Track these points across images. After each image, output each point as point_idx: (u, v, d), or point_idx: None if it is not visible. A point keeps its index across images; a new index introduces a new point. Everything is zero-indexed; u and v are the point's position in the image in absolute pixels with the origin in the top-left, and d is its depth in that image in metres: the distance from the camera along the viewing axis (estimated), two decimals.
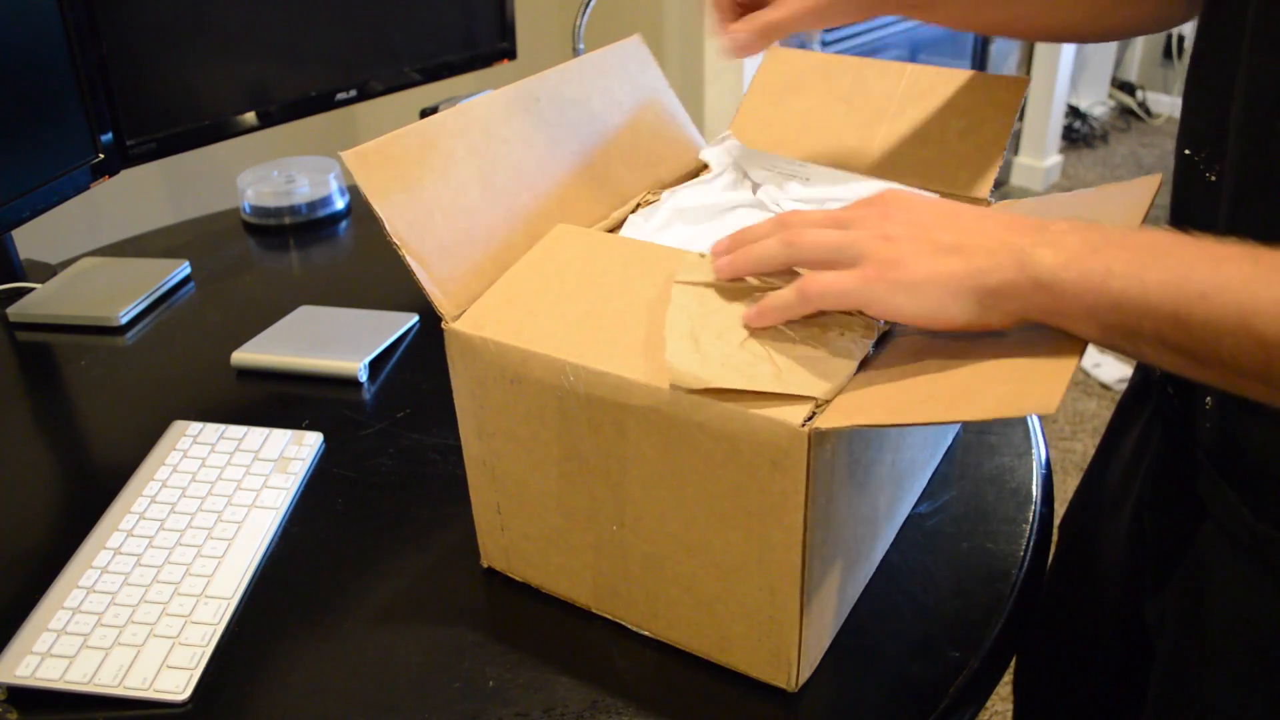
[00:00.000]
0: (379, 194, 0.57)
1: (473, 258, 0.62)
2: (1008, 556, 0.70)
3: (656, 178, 0.76)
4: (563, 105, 0.70)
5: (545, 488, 0.62)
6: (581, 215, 0.69)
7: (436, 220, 0.60)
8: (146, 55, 1.10)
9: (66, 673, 0.62)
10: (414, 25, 1.32)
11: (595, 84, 0.74)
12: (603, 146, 0.73)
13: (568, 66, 0.72)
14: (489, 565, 0.69)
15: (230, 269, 1.19)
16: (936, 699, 0.59)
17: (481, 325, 0.59)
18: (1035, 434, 0.82)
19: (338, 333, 0.99)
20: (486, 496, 0.65)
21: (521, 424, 0.60)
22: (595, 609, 0.65)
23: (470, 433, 0.63)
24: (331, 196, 1.31)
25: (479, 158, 0.64)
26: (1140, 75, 3.86)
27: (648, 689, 0.61)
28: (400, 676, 0.62)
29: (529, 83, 0.69)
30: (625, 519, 0.59)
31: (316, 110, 1.27)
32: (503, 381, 0.59)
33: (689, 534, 0.57)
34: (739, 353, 0.53)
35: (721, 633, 0.60)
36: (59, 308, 1.07)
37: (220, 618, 0.66)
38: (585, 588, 0.65)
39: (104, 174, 1.09)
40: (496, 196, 0.64)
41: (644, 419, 0.55)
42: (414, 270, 0.58)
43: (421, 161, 0.61)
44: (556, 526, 0.63)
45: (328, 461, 0.82)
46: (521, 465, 0.62)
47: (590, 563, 0.63)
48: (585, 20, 1.50)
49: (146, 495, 0.76)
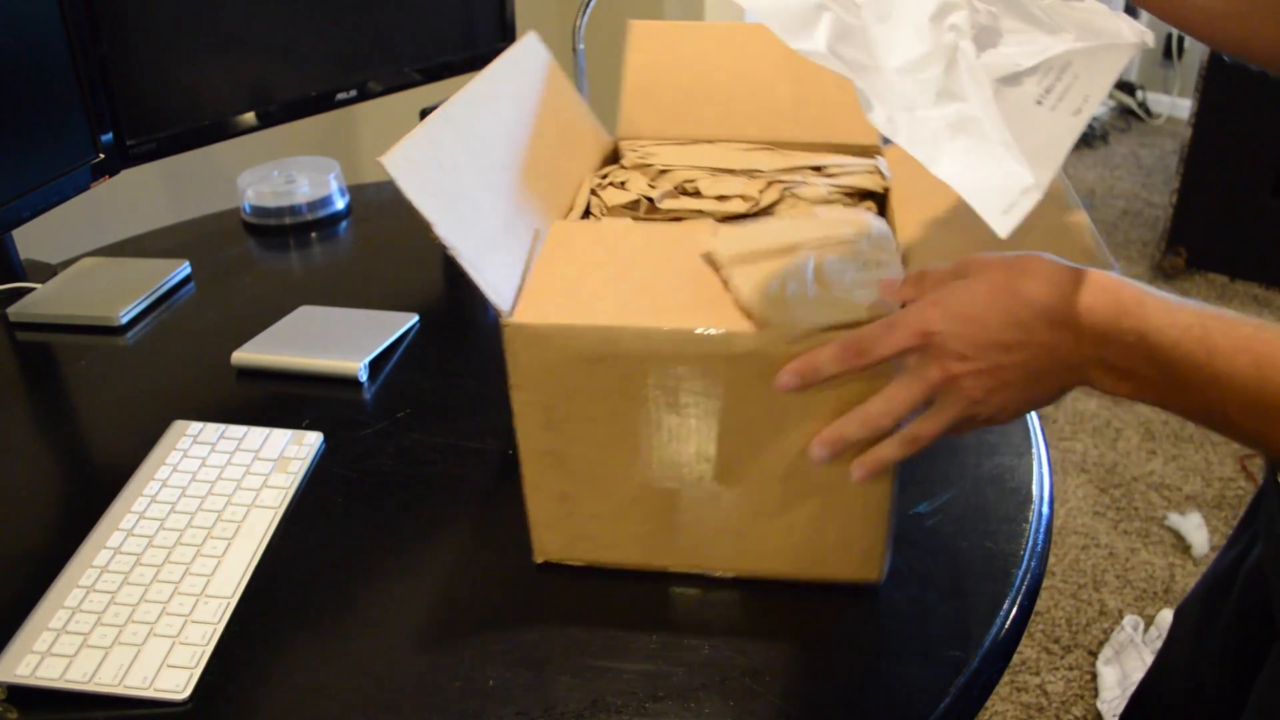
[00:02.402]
0: (418, 195, 0.58)
1: (508, 258, 0.64)
2: (1008, 556, 0.70)
3: (590, 165, 0.81)
4: (482, 115, 0.71)
5: (622, 460, 0.64)
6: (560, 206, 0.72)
7: (471, 221, 0.61)
8: (146, 55, 1.10)
9: (66, 672, 0.62)
10: (414, 25, 1.32)
11: (504, 90, 0.75)
12: (533, 142, 0.74)
13: (477, 83, 0.72)
14: (544, 560, 0.70)
15: (230, 269, 1.19)
16: (937, 699, 0.59)
17: (544, 315, 0.60)
18: (1035, 434, 0.82)
19: (338, 333, 0.99)
20: (550, 488, 0.66)
21: (600, 402, 0.62)
22: (672, 568, 0.68)
23: (535, 426, 0.64)
24: (331, 196, 1.31)
25: (477, 159, 0.65)
26: (1140, 75, 3.85)
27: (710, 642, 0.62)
28: (400, 676, 0.62)
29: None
30: (720, 468, 0.63)
31: (316, 110, 1.26)
32: (581, 364, 0.60)
33: (787, 464, 0.62)
34: (818, 293, 0.60)
35: (813, 549, 0.65)
36: (59, 308, 1.07)
37: (220, 617, 0.66)
38: (664, 550, 0.67)
39: (104, 174, 1.09)
40: (498, 194, 0.65)
41: (747, 367, 0.59)
42: (470, 272, 0.58)
43: (444, 167, 0.61)
44: (633, 496, 0.65)
45: (328, 461, 0.82)
46: (596, 445, 0.63)
47: (670, 523, 0.66)
48: (585, 20, 1.50)
49: (147, 495, 0.76)
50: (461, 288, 1.16)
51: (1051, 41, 0.57)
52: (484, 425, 0.86)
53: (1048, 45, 0.56)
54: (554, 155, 0.75)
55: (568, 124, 0.80)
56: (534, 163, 0.73)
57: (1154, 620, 1.62)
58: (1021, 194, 0.52)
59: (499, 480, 0.79)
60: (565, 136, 0.79)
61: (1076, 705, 1.51)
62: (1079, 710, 1.50)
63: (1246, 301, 2.62)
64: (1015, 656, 1.41)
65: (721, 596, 0.67)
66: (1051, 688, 1.54)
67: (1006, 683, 1.56)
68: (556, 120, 0.78)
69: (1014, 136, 0.54)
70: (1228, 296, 2.65)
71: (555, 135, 0.77)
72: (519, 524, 0.75)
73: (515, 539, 0.73)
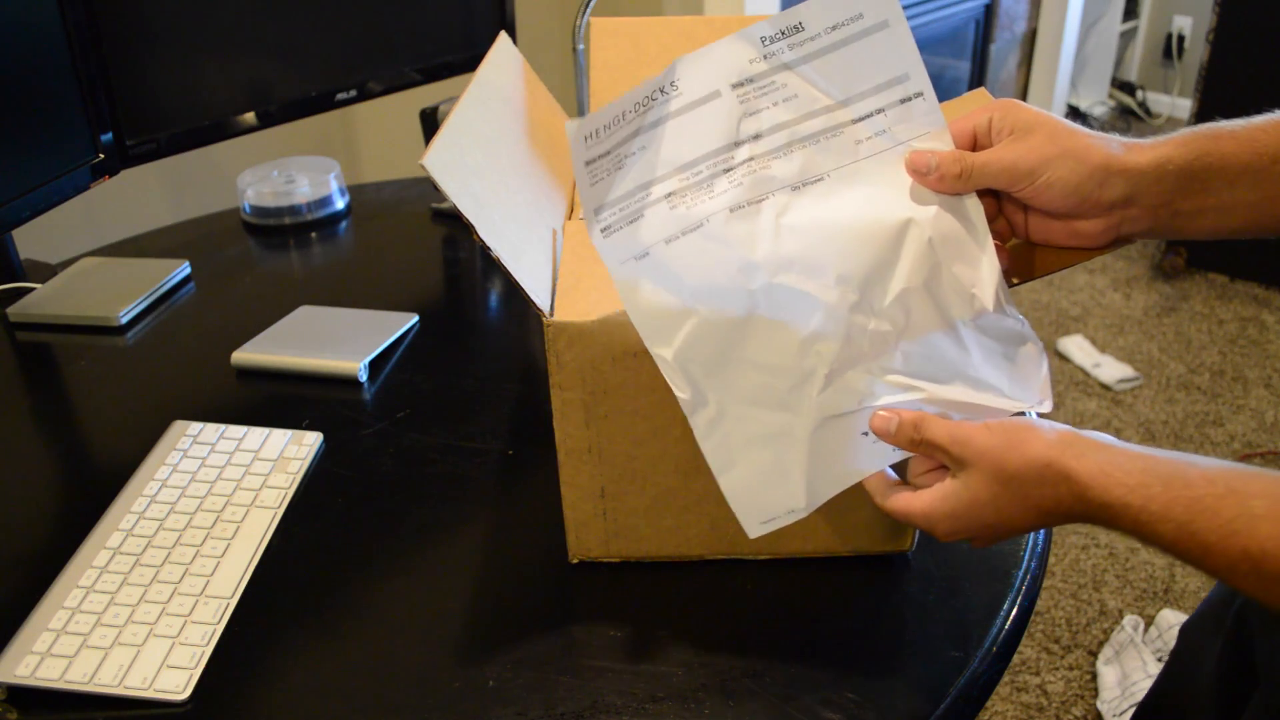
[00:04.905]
0: (460, 197, 0.58)
1: (537, 258, 0.64)
2: (1008, 556, 0.70)
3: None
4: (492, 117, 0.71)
5: (663, 452, 0.65)
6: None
7: (500, 223, 0.61)
8: (146, 55, 1.10)
9: (66, 672, 0.62)
10: (414, 25, 1.32)
11: (497, 93, 0.75)
12: (530, 144, 0.75)
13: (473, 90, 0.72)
14: (580, 559, 0.70)
15: (230, 269, 1.19)
16: (937, 699, 0.59)
17: (584, 312, 0.61)
18: None
19: (338, 333, 0.99)
20: (589, 484, 0.66)
21: (644, 395, 0.62)
22: (709, 555, 0.69)
23: (574, 425, 0.64)
24: (331, 196, 1.31)
25: (493, 162, 0.65)
26: (1140, 75, 3.85)
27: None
28: (400, 676, 0.62)
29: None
30: None
31: (316, 110, 1.27)
32: (625, 358, 0.61)
33: None
34: None
35: (847, 524, 0.67)
36: (59, 308, 1.07)
37: (220, 617, 0.66)
38: (699, 539, 0.68)
39: (104, 174, 1.09)
40: (514, 196, 0.66)
41: None
42: (512, 273, 0.58)
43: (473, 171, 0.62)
44: (670, 488, 0.66)
45: (328, 461, 0.82)
46: (635, 438, 0.64)
47: (709, 511, 0.67)
48: (585, 20, 1.50)
49: (146, 495, 0.76)
50: (461, 288, 1.16)
51: (932, 391, 0.58)
52: (484, 425, 0.86)
53: (924, 395, 0.58)
54: (547, 155, 0.75)
55: (550, 125, 0.80)
56: (534, 164, 0.73)
57: (1154, 620, 1.62)
58: (786, 513, 0.60)
59: (499, 480, 0.79)
60: (551, 137, 0.79)
61: (1076, 705, 1.51)
62: (1079, 710, 1.50)
63: (1246, 301, 2.62)
64: (1015, 656, 1.41)
65: (722, 596, 0.67)
66: (1051, 688, 1.54)
67: (1006, 683, 1.56)
68: (542, 121, 0.78)
69: (816, 462, 0.59)
70: (1228, 296, 2.65)
71: (544, 135, 0.77)
72: (519, 524, 0.75)
73: (515, 539, 0.73)
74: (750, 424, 0.59)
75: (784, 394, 0.58)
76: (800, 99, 0.58)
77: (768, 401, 0.58)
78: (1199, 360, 2.39)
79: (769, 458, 0.59)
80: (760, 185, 0.58)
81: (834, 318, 0.57)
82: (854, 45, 0.58)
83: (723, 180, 0.58)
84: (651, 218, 0.58)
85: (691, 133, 0.58)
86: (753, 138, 0.58)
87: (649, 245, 0.58)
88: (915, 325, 0.58)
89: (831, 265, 0.57)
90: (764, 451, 0.59)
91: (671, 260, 0.57)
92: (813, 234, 0.57)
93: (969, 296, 0.58)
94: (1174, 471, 0.50)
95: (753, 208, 0.58)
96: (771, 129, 0.58)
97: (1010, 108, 0.57)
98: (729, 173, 0.58)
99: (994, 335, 0.59)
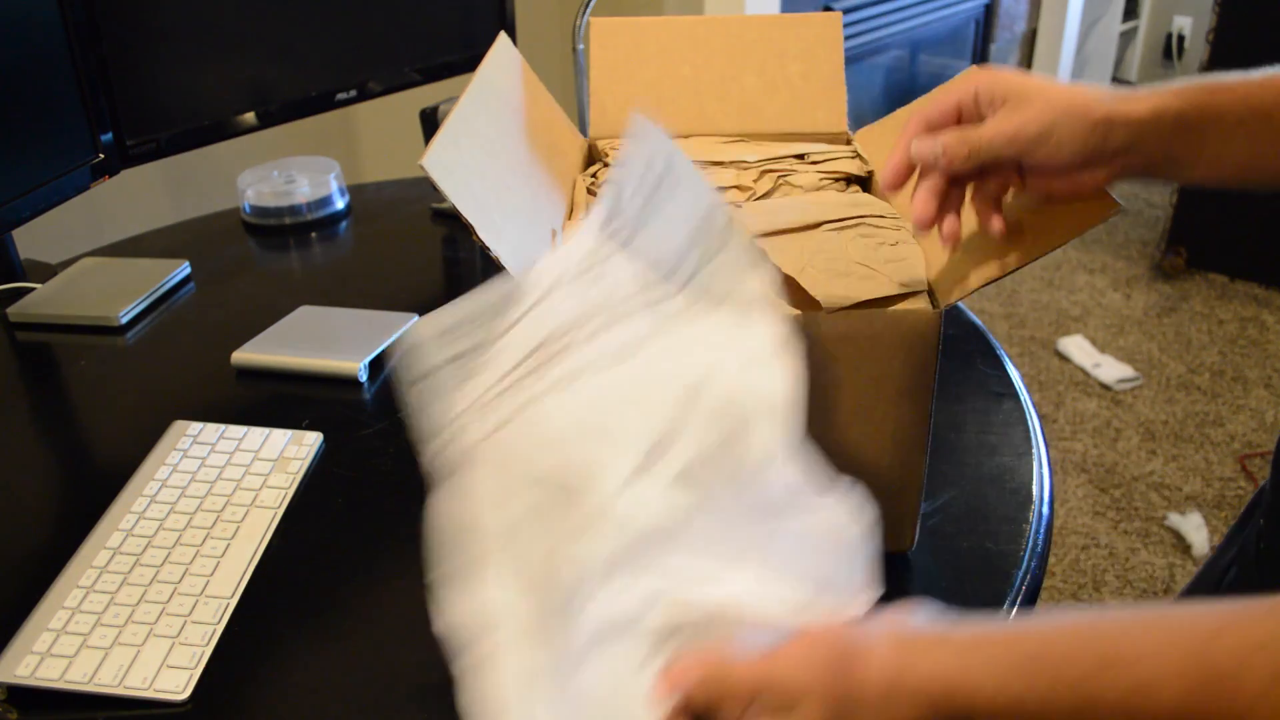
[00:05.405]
0: (460, 198, 0.58)
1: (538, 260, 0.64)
2: (1008, 556, 0.70)
3: (575, 165, 0.82)
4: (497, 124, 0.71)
5: None
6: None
7: (500, 224, 0.61)
8: (146, 55, 1.10)
9: (66, 672, 0.62)
10: (414, 25, 1.32)
11: (497, 93, 0.74)
12: (529, 145, 0.74)
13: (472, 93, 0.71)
14: None
15: (230, 269, 1.19)
16: None
17: None
18: (1035, 434, 0.82)
19: (338, 333, 0.99)
20: None
21: None
22: None
23: None
24: (331, 197, 1.31)
25: (494, 162, 0.65)
26: (1140, 75, 3.85)
27: None
28: (400, 676, 0.62)
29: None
30: None
31: (316, 110, 1.26)
32: None
33: (829, 441, 0.62)
34: (853, 270, 0.62)
35: None
36: (59, 308, 1.07)
37: (220, 617, 0.66)
38: None
39: (104, 174, 1.09)
40: (515, 197, 0.66)
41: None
42: (513, 275, 0.58)
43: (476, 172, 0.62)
44: None
45: (328, 461, 0.82)
46: None
47: None
48: (585, 20, 1.50)
49: (146, 495, 0.76)
50: (461, 288, 1.16)
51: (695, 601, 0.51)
52: None
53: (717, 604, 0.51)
54: (546, 156, 0.75)
55: (549, 125, 0.80)
56: (534, 164, 0.73)
57: None
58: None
59: None
60: (550, 138, 0.79)
61: None
62: None
63: (1246, 301, 2.63)
64: None
65: None
66: None
67: None
68: (540, 122, 0.78)
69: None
70: (1228, 296, 2.65)
71: (543, 136, 0.77)
72: None
73: None
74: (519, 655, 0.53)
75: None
76: (623, 276, 0.57)
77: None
78: (1199, 360, 2.39)
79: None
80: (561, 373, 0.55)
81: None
82: (661, 202, 0.57)
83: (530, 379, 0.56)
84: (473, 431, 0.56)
85: (512, 339, 0.57)
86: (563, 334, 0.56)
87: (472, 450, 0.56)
88: (705, 501, 0.52)
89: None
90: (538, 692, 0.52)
91: None
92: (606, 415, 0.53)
93: (772, 460, 0.52)
94: (1033, 650, 0.45)
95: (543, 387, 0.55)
96: (585, 317, 0.56)
97: (993, 77, 0.57)
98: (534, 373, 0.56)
99: (806, 509, 0.54)
